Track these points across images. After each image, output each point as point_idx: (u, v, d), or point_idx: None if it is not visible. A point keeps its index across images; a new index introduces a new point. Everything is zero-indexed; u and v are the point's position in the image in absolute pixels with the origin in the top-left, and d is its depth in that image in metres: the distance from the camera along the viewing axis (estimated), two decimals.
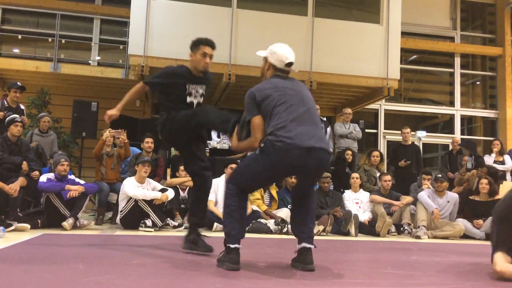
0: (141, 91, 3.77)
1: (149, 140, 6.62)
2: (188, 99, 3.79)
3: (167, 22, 8.02)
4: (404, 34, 9.73)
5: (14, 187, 4.91)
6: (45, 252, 3.38)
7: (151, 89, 3.81)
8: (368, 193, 6.66)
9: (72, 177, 5.53)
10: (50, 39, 9.26)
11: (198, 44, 3.77)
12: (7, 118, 5.67)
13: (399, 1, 8.89)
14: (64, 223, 5.02)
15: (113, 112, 3.57)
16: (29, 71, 8.82)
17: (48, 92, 8.73)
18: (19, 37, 9.73)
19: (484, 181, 6.34)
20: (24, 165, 5.33)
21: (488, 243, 2.99)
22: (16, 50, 9.96)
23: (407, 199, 6.49)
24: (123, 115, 4.77)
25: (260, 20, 8.33)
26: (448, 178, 7.12)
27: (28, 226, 4.83)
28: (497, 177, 6.88)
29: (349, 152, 7.61)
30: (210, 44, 3.80)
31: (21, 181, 5.06)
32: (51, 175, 5.30)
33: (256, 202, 6.20)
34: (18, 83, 6.77)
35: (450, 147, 8.40)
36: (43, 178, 5.19)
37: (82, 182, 5.47)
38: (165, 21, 8.00)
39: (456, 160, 8.17)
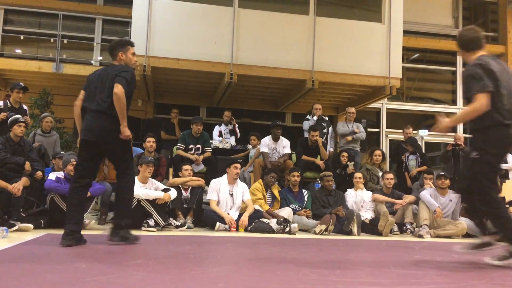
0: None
1: (151, 139, 6.63)
2: None
3: (169, 22, 8.03)
4: (406, 32, 9.71)
5: (17, 187, 4.92)
6: (48, 252, 3.39)
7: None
8: (370, 192, 6.65)
9: None
10: (52, 40, 9.29)
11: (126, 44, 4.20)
12: (10, 119, 5.68)
13: None
14: None
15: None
16: (32, 71, 8.84)
17: (51, 93, 8.75)
18: (21, 37, 9.76)
19: None
20: (27, 165, 5.34)
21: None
22: (18, 51, 9.99)
23: (409, 198, 6.48)
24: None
25: (262, 19, 8.34)
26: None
27: (31, 226, 4.84)
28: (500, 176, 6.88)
29: (345, 154, 7.60)
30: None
31: (24, 181, 5.07)
32: (60, 174, 5.29)
33: (258, 201, 6.20)
34: (21, 83, 6.78)
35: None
36: (52, 176, 5.20)
37: None
38: (166, 21, 8.01)
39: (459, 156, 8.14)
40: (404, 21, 8.97)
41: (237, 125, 8.56)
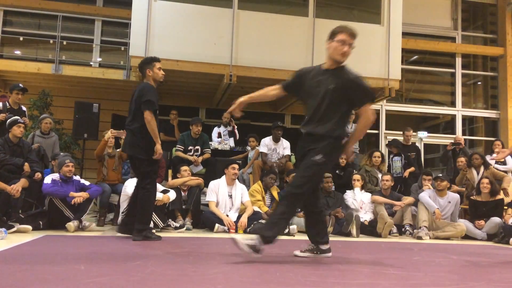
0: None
1: None
2: None
3: (168, 23, 8.03)
4: (405, 34, 9.73)
5: (16, 188, 4.92)
6: (46, 253, 3.39)
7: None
8: (369, 194, 6.65)
9: (77, 177, 5.51)
10: (51, 41, 9.28)
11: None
12: (9, 120, 5.68)
13: (400, 1, 8.88)
14: (69, 224, 5.03)
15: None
16: (31, 72, 8.84)
17: (50, 94, 8.75)
18: (21, 38, 9.75)
19: (485, 180, 6.34)
20: (26, 167, 5.34)
21: (490, 243, 2.98)
22: (17, 52, 9.98)
23: (408, 199, 6.49)
24: (125, 116, 4.79)
25: (261, 21, 8.34)
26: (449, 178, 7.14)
27: (29, 227, 4.84)
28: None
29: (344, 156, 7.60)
30: None
31: (23, 182, 5.07)
32: (56, 176, 5.29)
33: (258, 203, 6.20)
34: (20, 84, 6.78)
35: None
36: (48, 180, 5.19)
37: (87, 183, 5.48)
38: (166, 22, 8.01)
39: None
40: (403, 23, 8.98)
41: (236, 127, 8.56)
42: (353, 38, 3.38)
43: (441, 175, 6.49)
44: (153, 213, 5.37)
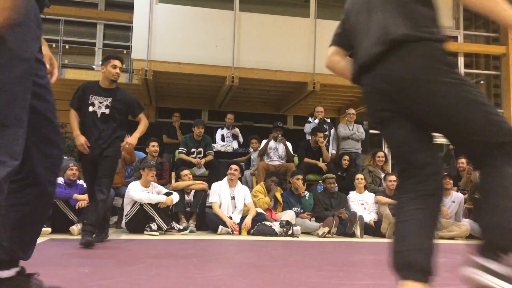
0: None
1: (155, 144, 6.67)
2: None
3: (170, 26, 8.05)
4: None
5: None
6: (50, 256, 3.40)
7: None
8: (373, 194, 6.64)
9: (81, 182, 5.52)
10: (54, 45, 9.30)
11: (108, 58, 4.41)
12: None
13: None
14: (73, 227, 5.05)
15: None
16: None
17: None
18: None
19: None
20: None
21: None
22: None
23: None
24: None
25: (263, 22, 8.35)
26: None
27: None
28: None
29: (346, 157, 7.60)
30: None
31: None
32: (60, 180, 5.31)
33: (260, 201, 6.18)
34: None
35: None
36: None
37: None
38: (168, 25, 8.04)
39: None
40: None
41: (238, 130, 8.57)
42: None
43: (446, 173, 6.47)
44: (157, 216, 5.40)
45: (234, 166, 6.14)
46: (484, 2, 1.65)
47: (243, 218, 5.85)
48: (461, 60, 11.59)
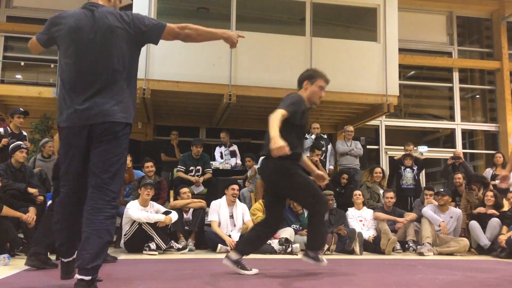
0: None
1: (149, 164, 6.64)
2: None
3: (168, 45, 8.05)
4: (401, 50, 9.83)
5: (32, 216, 4.85)
6: (49, 279, 3.38)
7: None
8: (371, 211, 6.65)
9: None
10: (52, 65, 9.38)
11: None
12: (12, 145, 5.70)
13: (396, 18, 9.00)
14: None
15: None
16: (32, 96, 8.91)
17: (51, 117, 8.81)
18: (22, 63, 9.86)
19: (489, 193, 6.34)
20: (32, 190, 5.35)
21: (492, 258, 2.98)
22: (18, 76, 10.08)
23: (410, 215, 6.47)
24: None
25: (259, 41, 8.44)
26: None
27: None
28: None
29: (345, 176, 7.60)
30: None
31: (34, 210, 5.03)
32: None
33: (258, 219, 6.16)
34: (21, 108, 6.83)
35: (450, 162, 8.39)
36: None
37: None
38: (165, 44, 7.99)
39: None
40: (399, 39, 9.08)
41: (236, 147, 8.60)
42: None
43: (442, 190, 6.49)
44: (156, 235, 5.38)
45: (235, 186, 6.13)
46: None
47: (242, 236, 5.84)
48: (456, 75, 11.71)
